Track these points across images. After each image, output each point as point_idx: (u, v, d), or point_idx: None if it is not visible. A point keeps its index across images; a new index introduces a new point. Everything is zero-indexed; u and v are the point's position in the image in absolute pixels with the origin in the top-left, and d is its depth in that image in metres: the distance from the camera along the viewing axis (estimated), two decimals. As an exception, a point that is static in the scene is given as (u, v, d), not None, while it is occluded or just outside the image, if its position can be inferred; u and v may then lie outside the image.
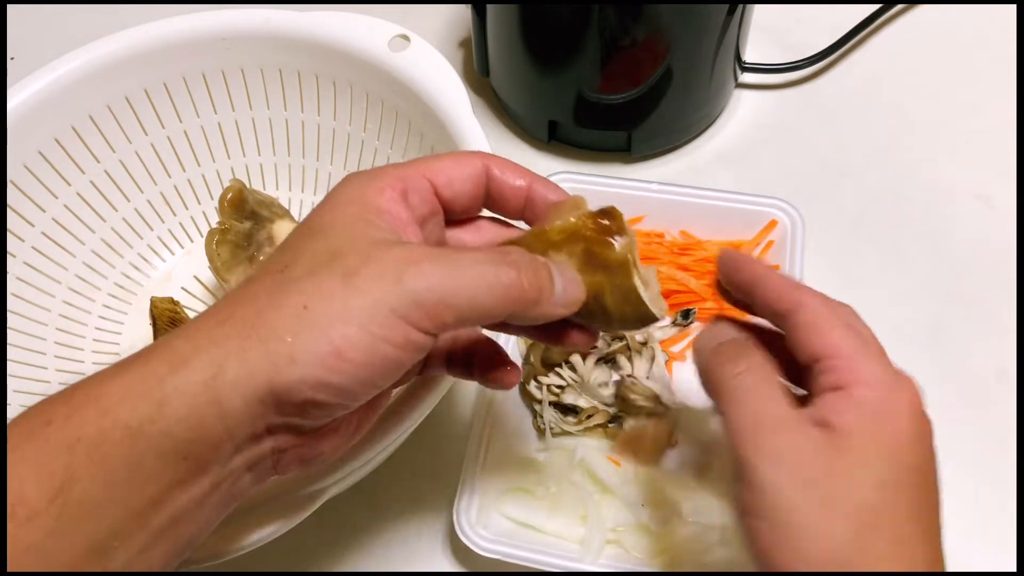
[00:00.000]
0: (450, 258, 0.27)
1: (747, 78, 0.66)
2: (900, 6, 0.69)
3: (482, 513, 0.45)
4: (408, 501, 0.49)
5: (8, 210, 0.49)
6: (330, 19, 0.51)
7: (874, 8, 0.68)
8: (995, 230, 0.58)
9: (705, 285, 0.53)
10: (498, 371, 0.34)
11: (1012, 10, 0.68)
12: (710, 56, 0.57)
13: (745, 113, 0.65)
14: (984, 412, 0.50)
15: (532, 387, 0.50)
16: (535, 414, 0.50)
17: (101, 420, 0.24)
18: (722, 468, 0.46)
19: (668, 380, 0.50)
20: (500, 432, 0.49)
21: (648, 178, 0.58)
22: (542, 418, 0.49)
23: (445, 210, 0.32)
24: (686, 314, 0.53)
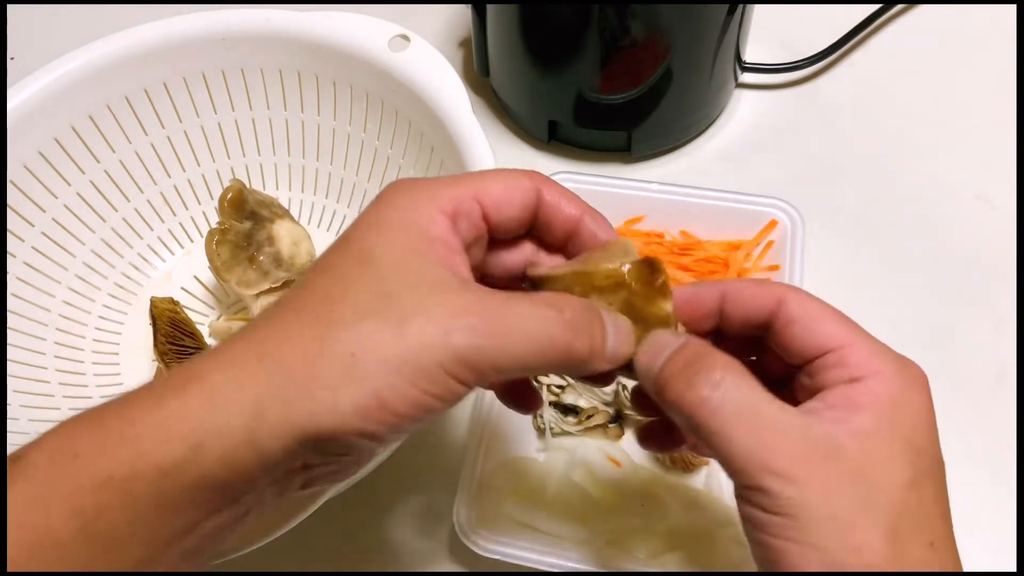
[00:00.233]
0: (503, 315, 0.26)
1: (747, 78, 0.66)
2: (900, 6, 0.69)
3: (482, 513, 0.45)
4: (408, 501, 0.49)
5: (8, 210, 0.49)
6: (330, 19, 0.51)
7: (874, 8, 0.68)
8: (995, 230, 0.58)
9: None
10: (522, 398, 0.34)
11: (1012, 10, 0.68)
12: (710, 56, 0.57)
13: (745, 113, 0.65)
14: (984, 412, 0.50)
15: (532, 387, 0.50)
16: (535, 414, 0.50)
17: (134, 460, 0.24)
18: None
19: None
20: (500, 432, 0.49)
21: (648, 178, 0.58)
22: (542, 418, 0.49)
23: (490, 232, 0.31)
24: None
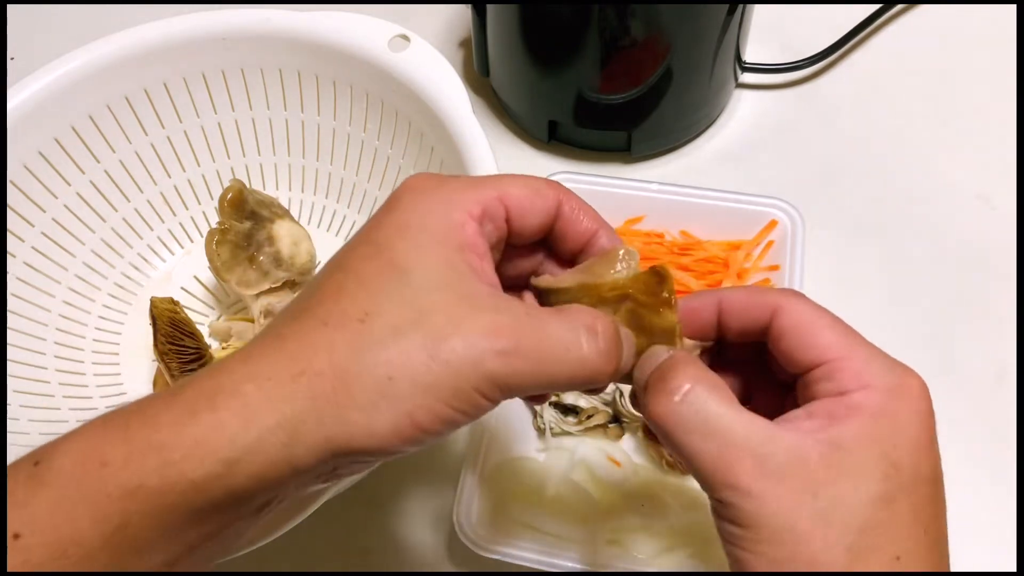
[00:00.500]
0: (539, 338, 0.26)
1: (747, 78, 0.66)
2: (900, 6, 0.69)
3: (482, 513, 0.45)
4: (408, 501, 0.49)
5: (8, 210, 0.49)
6: (330, 19, 0.51)
7: (874, 8, 0.68)
8: (995, 230, 0.58)
9: (705, 286, 0.53)
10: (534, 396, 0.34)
11: (1012, 10, 0.68)
12: (710, 56, 0.57)
13: (745, 113, 0.65)
14: (984, 412, 0.50)
15: (532, 387, 0.50)
16: (535, 414, 0.50)
17: (164, 471, 0.24)
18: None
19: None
20: (500, 432, 0.49)
21: (648, 178, 0.58)
22: (542, 418, 0.49)
23: (508, 236, 0.31)
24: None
